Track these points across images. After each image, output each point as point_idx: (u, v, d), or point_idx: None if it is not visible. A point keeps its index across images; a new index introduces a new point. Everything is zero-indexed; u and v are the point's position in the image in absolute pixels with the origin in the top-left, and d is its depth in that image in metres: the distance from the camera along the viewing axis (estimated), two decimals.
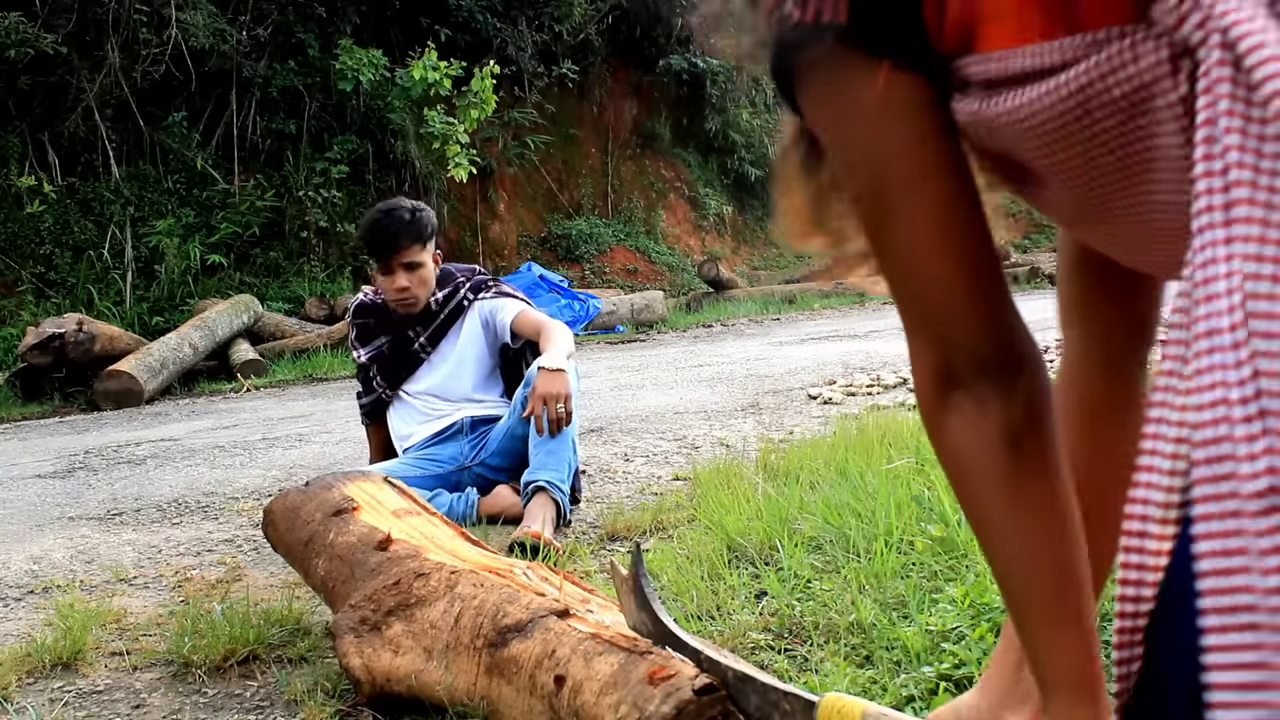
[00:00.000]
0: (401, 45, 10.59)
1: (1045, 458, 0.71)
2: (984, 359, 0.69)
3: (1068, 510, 0.72)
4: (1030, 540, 0.71)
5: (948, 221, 0.68)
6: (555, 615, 1.40)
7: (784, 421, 4.02)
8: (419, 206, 3.00)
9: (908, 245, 0.69)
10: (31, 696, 1.78)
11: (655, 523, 2.56)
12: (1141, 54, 0.56)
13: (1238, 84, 0.51)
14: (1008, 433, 0.69)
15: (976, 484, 0.71)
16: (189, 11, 9.00)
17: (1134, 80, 0.57)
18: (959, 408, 0.70)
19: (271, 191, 9.55)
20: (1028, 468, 0.70)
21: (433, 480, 2.85)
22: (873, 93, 0.66)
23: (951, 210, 0.68)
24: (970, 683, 1.46)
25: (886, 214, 0.70)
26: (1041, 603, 0.72)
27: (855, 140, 0.69)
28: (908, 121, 0.67)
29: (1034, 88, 0.62)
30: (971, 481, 0.72)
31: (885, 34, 0.65)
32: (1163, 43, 0.55)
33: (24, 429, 5.81)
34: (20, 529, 3.14)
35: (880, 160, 0.69)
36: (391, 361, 3.06)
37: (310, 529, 2.02)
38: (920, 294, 0.70)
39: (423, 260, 2.96)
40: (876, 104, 0.67)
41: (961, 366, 0.70)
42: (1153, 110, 0.57)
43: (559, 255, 11.83)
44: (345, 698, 1.64)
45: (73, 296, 8.48)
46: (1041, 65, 0.61)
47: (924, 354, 0.71)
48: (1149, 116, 0.58)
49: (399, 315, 3.03)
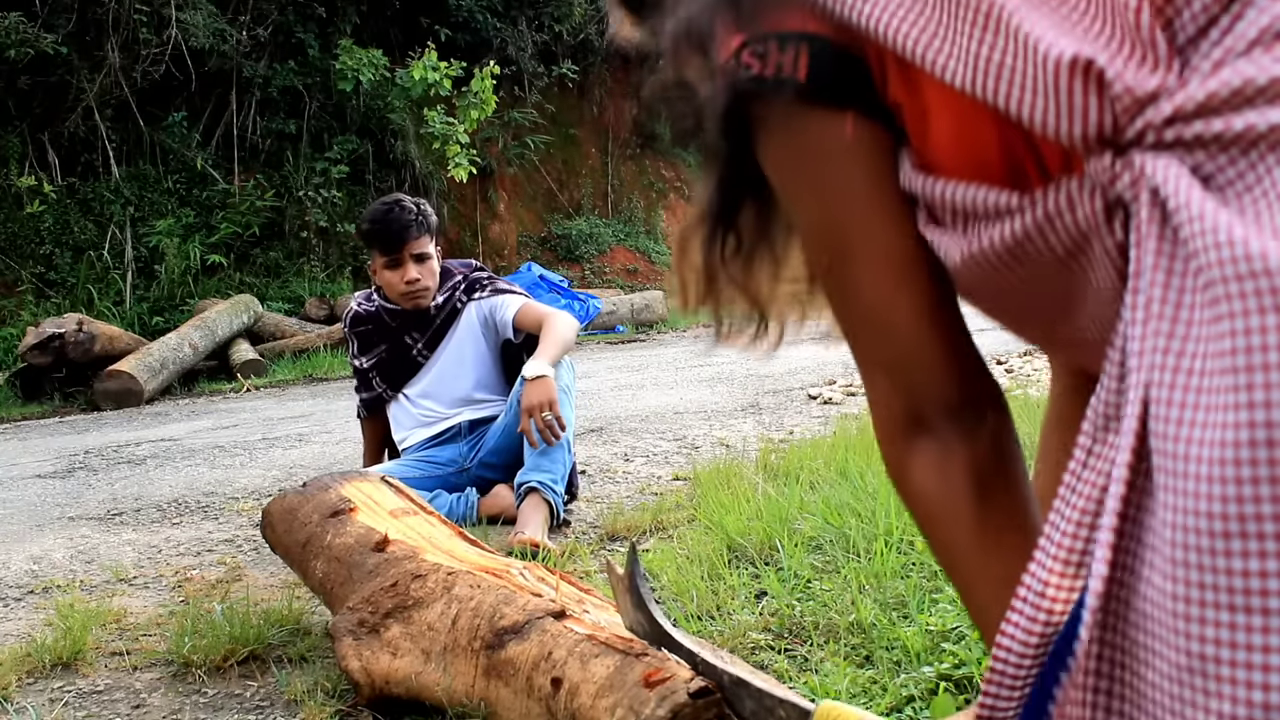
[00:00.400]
0: (401, 45, 10.59)
1: (1013, 497, 0.71)
2: (948, 402, 0.70)
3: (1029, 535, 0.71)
4: (1001, 582, 0.70)
5: (908, 265, 0.70)
6: (551, 616, 1.40)
7: (784, 421, 4.02)
8: (420, 200, 2.99)
9: (869, 291, 0.70)
10: (31, 696, 1.78)
11: (655, 523, 2.56)
12: (1079, 206, 0.60)
13: (1164, 239, 0.55)
14: (975, 475, 0.70)
15: (944, 528, 0.72)
16: (189, 11, 9.00)
17: (1073, 227, 0.61)
18: (924, 452, 0.71)
19: (271, 191, 9.55)
20: (996, 508, 0.71)
21: (432, 481, 2.85)
22: (835, 140, 0.68)
23: (912, 254, 0.70)
24: (970, 683, 1.46)
25: (846, 260, 0.71)
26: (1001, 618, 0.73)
27: (816, 186, 0.71)
28: (868, 167, 0.69)
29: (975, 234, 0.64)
30: (939, 526, 0.72)
31: (845, 89, 0.68)
32: (1097, 196, 0.59)
33: (24, 429, 5.81)
34: (20, 529, 3.14)
35: (841, 205, 0.70)
36: (391, 366, 3.03)
37: (308, 530, 2.02)
38: (882, 340, 0.71)
39: (431, 252, 2.94)
40: (839, 151, 0.69)
41: (926, 411, 0.70)
42: (1090, 253, 0.61)
43: (559, 255, 11.83)
44: (345, 698, 1.64)
45: (73, 296, 8.48)
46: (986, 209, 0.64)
47: (885, 401, 0.72)
48: (1085, 258, 0.62)
49: (397, 321, 2.98)
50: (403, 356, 3.01)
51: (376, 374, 3.04)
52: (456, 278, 3.06)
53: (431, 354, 3.01)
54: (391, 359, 3.02)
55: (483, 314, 3.03)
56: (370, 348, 3.04)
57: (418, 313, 2.97)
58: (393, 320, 3.00)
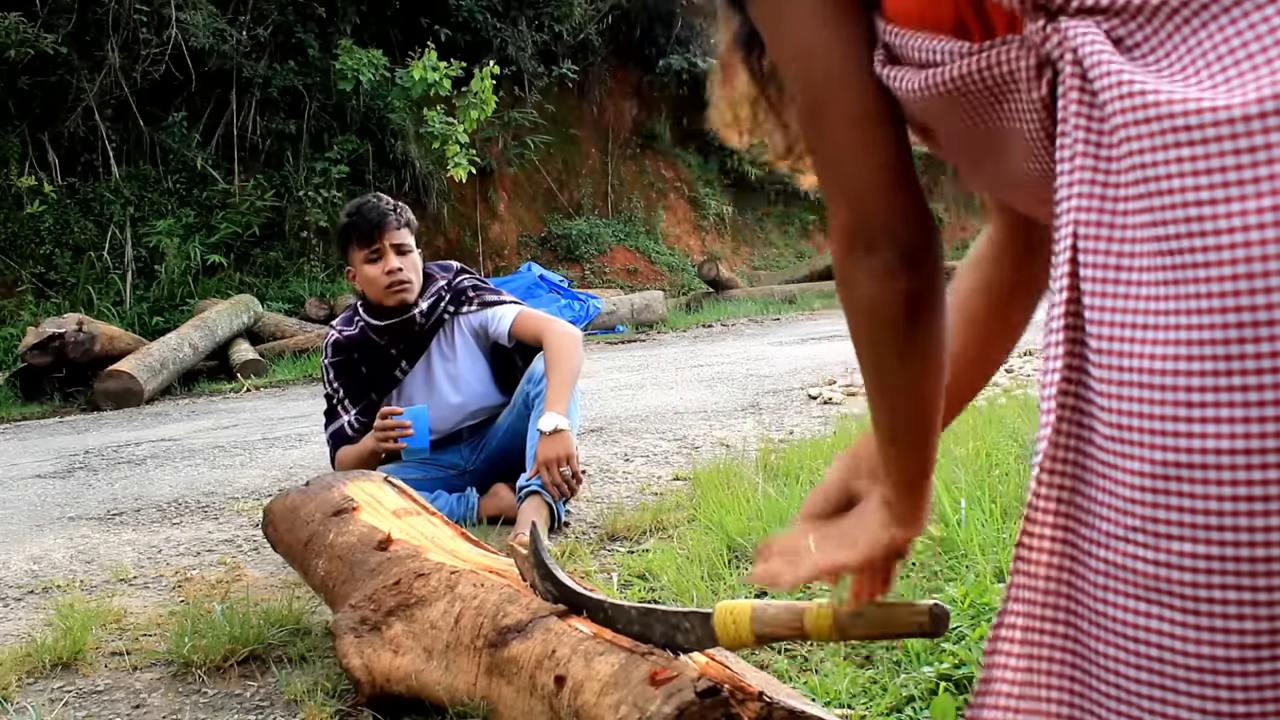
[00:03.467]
0: (401, 45, 10.60)
1: (934, 317, 0.85)
2: (897, 235, 0.82)
3: (942, 361, 0.88)
4: (910, 379, 0.87)
5: (870, 113, 0.81)
6: (555, 615, 1.40)
7: (784, 421, 4.02)
8: (398, 202, 2.89)
9: (838, 133, 0.82)
10: (31, 696, 1.78)
11: (655, 523, 2.56)
12: (1013, 57, 0.71)
13: (1084, 98, 0.66)
14: (910, 299, 0.83)
15: (877, 330, 0.86)
16: (189, 11, 9.01)
17: (1005, 75, 0.72)
18: (872, 269, 0.83)
19: (271, 191, 9.55)
20: (920, 332, 0.85)
21: (434, 482, 2.84)
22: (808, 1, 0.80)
23: (873, 104, 0.81)
24: (970, 683, 1.46)
25: (818, 105, 0.82)
26: (902, 426, 0.90)
27: (794, 40, 0.82)
28: (838, 26, 0.80)
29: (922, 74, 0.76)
30: (873, 327, 0.86)
31: None
32: (1029, 52, 0.70)
33: (24, 429, 5.81)
34: (20, 529, 3.14)
35: (813, 58, 0.81)
36: (366, 381, 2.87)
37: (310, 529, 2.02)
38: (847, 176, 0.82)
39: (411, 246, 2.83)
40: (813, 9, 0.80)
41: (879, 238, 0.82)
42: (1016, 100, 0.72)
43: (559, 255, 11.83)
44: (345, 698, 1.64)
45: (73, 296, 8.48)
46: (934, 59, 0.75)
47: (846, 225, 0.84)
48: (1012, 103, 0.73)
49: (385, 338, 2.84)
50: (384, 373, 2.88)
51: (343, 392, 2.87)
52: (439, 283, 2.91)
53: (411, 367, 2.89)
54: (370, 375, 2.88)
55: (473, 328, 2.92)
56: (350, 371, 2.88)
57: (404, 322, 2.83)
58: (380, 337, 2.85)
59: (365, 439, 2.78)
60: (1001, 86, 0.73)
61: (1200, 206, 0.58)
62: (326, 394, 2.92)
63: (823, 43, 0.80)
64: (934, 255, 0.84)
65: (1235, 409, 0.57)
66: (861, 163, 0.81)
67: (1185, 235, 0.59)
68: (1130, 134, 0.62)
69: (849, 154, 0.81)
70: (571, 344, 2.75)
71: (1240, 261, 0.57)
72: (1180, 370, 0.59)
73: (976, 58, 0.73)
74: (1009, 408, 3.27)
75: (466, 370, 2.92)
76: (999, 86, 0.73)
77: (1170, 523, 0.59)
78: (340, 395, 2.88)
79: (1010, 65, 0.71)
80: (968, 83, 0.74)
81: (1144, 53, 0.64)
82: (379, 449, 2.74)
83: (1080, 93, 0.66)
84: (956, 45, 0.74)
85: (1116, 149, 0.63)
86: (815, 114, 0.82)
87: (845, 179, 0.82)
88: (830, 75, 0.80)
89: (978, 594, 1.70)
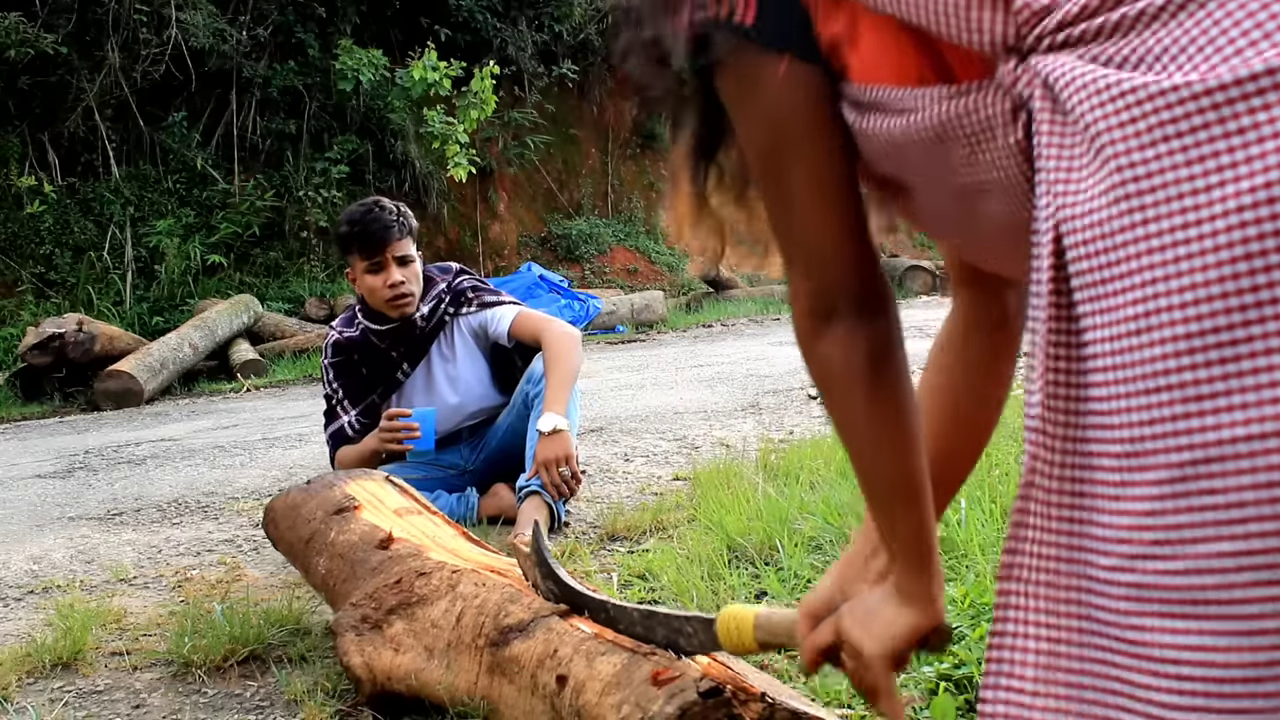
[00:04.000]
0: (401, 45, 10.59)
1: (897, 373, 0.88)
2: (855, 296, 0.86)
3: (912, 415, 0.90)
4: (882, 435, 0.89)
5: (828, 180, 0.85)
6: (557, 615, 1.40)
7: (784, 421, 4.02)
8: (399, 203, 2.88)
9: (794, 199, 0.85)
10: (31, 696, 1.78)
11: (655, 523, 2.56)
12: (989, 103, 0.72)
13: (1055, 119, 0.67)
14: (871, 353, 0.87)
15: (843, 392, 0.89)
16: (189, 11, 9.00)
17: (982, 122, 0.73)
18: (832, 333, 0.87)
19: (271, 191, 9.54)
20: (884, 380, 0.88)
21: (434, 482, 2.84)
22: (773, 75, 0.82)
23: (831, 171, 0.85)
24: (970, 683, 1.46)
25: (780, 173, 0.85)
26: (887, 485, 0.91)
27: (757, 113, 0.85)
28: (801, 101, 0.83)
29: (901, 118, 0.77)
30: (839, 390, 0.89)
31: (785, 33, 0.81)
32: (1003, 97, 0.72)
33: (24, 429, 5.81)
34: (20, 529, 3.14)
35: (777, 130, 0.84)
36: (367, 382, 2.87)
37: (311, 527, 2.02)
38: (806, 241, 0.87)
39: (414, 255, 2.82)
40: (775, 84, 0.82)
41: (838, 301, 0.86)
42: (994, 146, 0.73)
43: (559, 255, 11.82)
44: (345, 698, 1.63)
45: (73, 296, 8.48)
46: (912, 106, 0.77)
47: (805, 290, 0.88)
48: (991, 150, 0.74)
49: (386, 341, 2.84)
50: (385, 375, 2.87)
51: (343, 393, 2.86)
52: (439, 286, 2.91)
53: (413, 370, 2.89)
54: (370, 377, 2.87)
55: (472, 329, 2.91)
56: (350, 372, 2.88)
57: (404, 325, 2.82)
58: (381, 341, 2.84)
59: (367, 439, 2.77)
60: (979, 133, 0.74)
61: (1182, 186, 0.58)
62: (326, 394, 2.92)
63: (788, 106, 0.83)
64: (888, 310, 0.88)
65: (1248, 394, 0.56)
66: (822, 229, 0.85)
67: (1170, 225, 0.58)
68: (1101, 127, 0.62)
69: (811, 220, 0.85)
70: (570, 344, 2.75)
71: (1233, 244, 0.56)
72: (1185, 365, 0.58)
73: (953, 102, 0.74)
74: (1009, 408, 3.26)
75: (466, 371, 2.92)
76: (976, 133, 0.74)
77: (1194, 525, 0.57)
78: (340, 395, 2.88)
79: (985, 110, 0.73)
80: (947, 128, 0.75)
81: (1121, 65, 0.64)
82: (383, 449, 2.74)
83: (1051, 118, 0.67)
84: (933, 91, 0.75)
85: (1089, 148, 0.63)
86: (778, 179, 0.85)
87: (807, 246, 0.86)
88: (795, 139, 0.83)
89: (978, 594, 1.70)
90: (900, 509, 0.91)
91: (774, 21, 0.81)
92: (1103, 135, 0.62)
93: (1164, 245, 0.59)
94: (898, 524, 0.91)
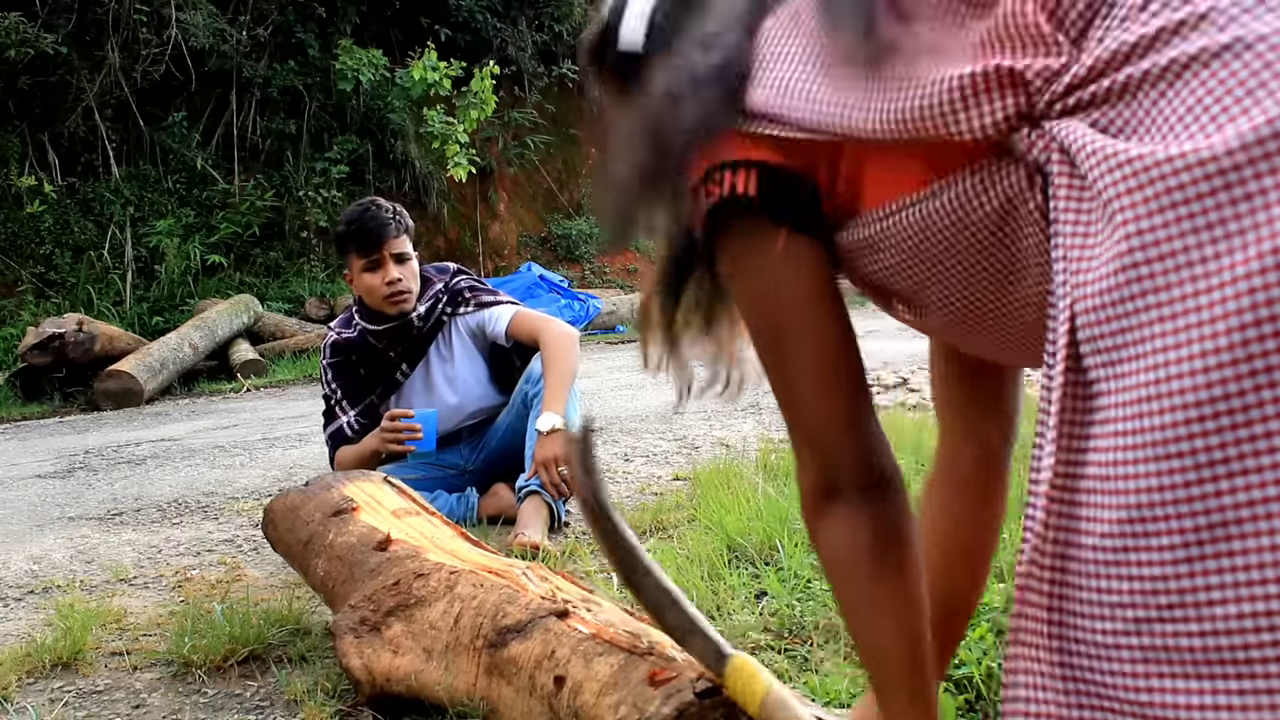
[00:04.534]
0: (401, 45, 10.59)
1: (905, 555, 0.86)
2: (856, 478, 0.85)
3: (919, 598, 0.87)
4: (888, 624, 0.87)
5: (827, 366, 0.84)
6: (555, 616, 1.40)
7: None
8: (395, 204, 2.88)
9: (795, 380, 0.86)
10: (31, 696, 1.78)
11: (655, 523, 2.56)
12: (1005, 175, 0.73)
13: (1073, 184, 0.67)
14: (876, 537, 0.85)
15: (847, 576, 0.87)
16: (189, 11, 9.00)
17: (1001, 195, 0.73)
18: (836, 514, 0.86)
19: (271, 191, 9.55)
20: (890, 565, 0.85)
21: (433, 482, 2.84)
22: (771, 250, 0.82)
23: (831, 355, 0.84)
24: (970, 683, 1.47)
25: (779, 352, 0.86)
26: (896, 672, 0.88)
27: (757, 289, 0.85)
28: (800, 274, 0.83)
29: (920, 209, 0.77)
30: (843, 574, 0.87)
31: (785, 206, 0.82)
32: (1020, 165, 0.72)
33: (24, 429, 5.81)
34: (20, 529, 3.14)
35: (776, 308, 0.85)
36: (365, 382, 2.88)
37: (310, 529, 2.02)
38: (808, 421, 0.86)
39: (410, 253, 2.83)
40: (776, 260, 0.83)
41: (841, 483, 0.85)
42: (1018, 218, 0.73)
43: (559, 255, 11.82)
44: (345, 698, 1.64)
45: (73, 296, 8.48)
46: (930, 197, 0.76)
47: (808, 468, 0.87)
48: (1015, 223, 0.74)
49: (384, 341, 2.84)
50: (384, 376, 2.88)
51: (341, 393, 2.87)
52: (437, 286, 2.92)
53: (412, 370, 2.89)
54: (369, 378, 2.88)
55: (470, 329, 2.92)
56: (348, 372, 2.88)
57: (403, 326, 2.83)
58: (379, 341, 2.85)
59: (368, 439, 2.77)
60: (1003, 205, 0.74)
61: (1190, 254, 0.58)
62: (324, 394, 2.92)
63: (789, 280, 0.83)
64: (895, 489, 0.87)
65: (1261, 457, 0.56)
66: (825, 411, 0.85)
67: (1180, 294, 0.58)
68: (1110, 195, 0.62)
69: (813, 401, 0.85)
70: (568, 343, 2.75)
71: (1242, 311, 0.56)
72: (1195, 432, 0.57)
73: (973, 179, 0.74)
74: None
75: (464, 371, 2.92)
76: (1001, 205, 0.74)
77: (1210, 588, 0.57)
78: (338, 396, 2.88)
79: (1004, 182, 0.72)
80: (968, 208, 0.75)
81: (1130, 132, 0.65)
82: (384, 449, 2.74)
83: (1069, 183, 0.67)
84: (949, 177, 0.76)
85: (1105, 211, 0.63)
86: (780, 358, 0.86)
87: (809, 426, 0.86)
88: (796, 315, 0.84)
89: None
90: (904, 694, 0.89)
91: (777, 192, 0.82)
92: (1113, 203, 0.62)
93: (1174, 314, 0.59)
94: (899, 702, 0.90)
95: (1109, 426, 0.62)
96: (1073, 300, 0.65)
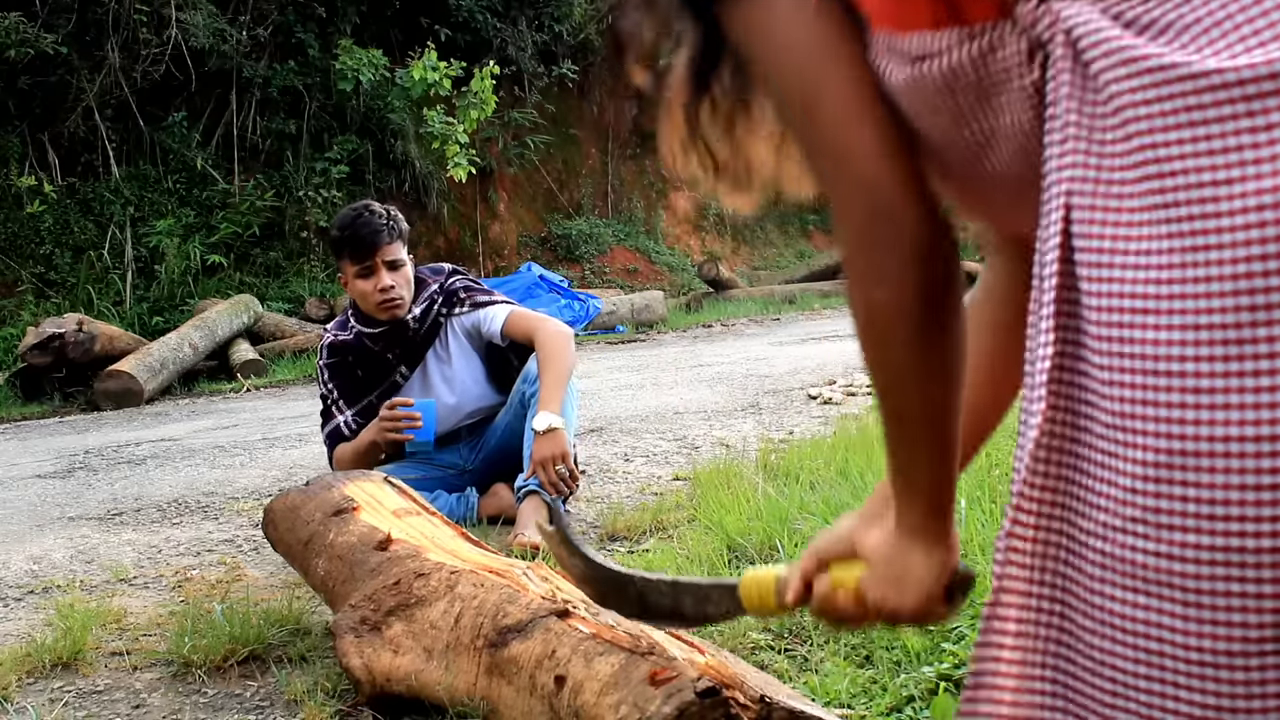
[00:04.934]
0: (401, 45, 10.59)
1: (951, 313, 0.81)
2: (908, 227, 0.78)
3: (960, 366, 0.83)
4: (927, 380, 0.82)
5: (866, 98, 0.79)
6: (555, 615, 1.40)
7: (784, 421, 4.02)
8: (389, 206, 2.88)
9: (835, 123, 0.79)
10: (31, 696, 1.78)
11: (655, 523, 2.56)
12: (1006, 44, 0.70)
13: (1076, 72, 0.64)
14: (924, 291, 0.79)
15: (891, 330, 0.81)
16: (189, 11, 9.00)
17: (998, 65, 0.70)
18: (885, 267, 0.79)
19: (271, 191, 9.55)
20: (935, 320, 0.80)
21: (433, 482, 2.84)
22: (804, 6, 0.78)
23: (868, 90, 0.79)
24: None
25: (814, 99, 0.80)
26: (922, 423, 0.84)
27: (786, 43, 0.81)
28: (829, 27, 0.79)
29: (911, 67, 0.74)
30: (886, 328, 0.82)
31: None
32: (1020, 37, 0.68)
33: (24, 429, 5.81)
34: (20, 529, 3.14)
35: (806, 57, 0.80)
36: (363, 384, 2.88)
37: (310, 529, 2.02)
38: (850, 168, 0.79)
39: (404, 259, 2.82)
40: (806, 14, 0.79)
41: (889, 230, 0.78)
42: (1009, 91, 0.71)
43: (559, 255, 11.82)
44: (345, 698, 1.64)
45: (73, 296, 8.48)
46: (925, 51, 0.73)
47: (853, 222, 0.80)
48: (1005, 96, 0.71)
49: (380, 344, 2.84)
50: (381, 377, 2.88)
51: (341, 397, 2.87)
52: (432, 287, 2.91)
53: (411, 373, 2.89)
54: (366, 379, 2.88)
55: (465, 329, 2.92)
56: (345, 374, 2.88)
57: (398, 329, 2.82)
58: (375, 344, 2.85)
59: (366, 431, 2.78)
60: (994, 77, 0.71)
61: (1203, 175, 0.57)
62: (321, 394, 2.93)
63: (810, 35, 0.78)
64: (947, 248, 0.80)
65: (1246, 394, 0.55)
66: (865, 149, 0.78)
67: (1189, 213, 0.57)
68: (1126, 101, 0.60)
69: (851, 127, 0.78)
70: (563, 343, 2.76)
71: (1251, 243, 0.55)
72: (1187, 355, 0.57)
73: (969, 45, 0.71)
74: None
75: (462, 371, 2.92)
76: (992, 77, 0.71)
77: (1173, 513, 0.58)
78: (335, 396, 2.89)
79: (1002, 52, 0.70)
80: (961, 73, 0.72)
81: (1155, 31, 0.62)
82: (383, 440, 2.73)
83: (1072, 70, 0.64)
84: (947, 35, 0.72)
85: (1112, 119, 0.61)
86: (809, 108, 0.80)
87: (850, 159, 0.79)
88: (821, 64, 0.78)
89: (978, 594, 1.69)
90: (927, 451, 0.85)
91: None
92: (1127, 110, 0.60)
93: (1182, 232, 0.58)
94: (923, 465, 0.86)
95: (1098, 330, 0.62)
96: (1068, 210, 0.64)
